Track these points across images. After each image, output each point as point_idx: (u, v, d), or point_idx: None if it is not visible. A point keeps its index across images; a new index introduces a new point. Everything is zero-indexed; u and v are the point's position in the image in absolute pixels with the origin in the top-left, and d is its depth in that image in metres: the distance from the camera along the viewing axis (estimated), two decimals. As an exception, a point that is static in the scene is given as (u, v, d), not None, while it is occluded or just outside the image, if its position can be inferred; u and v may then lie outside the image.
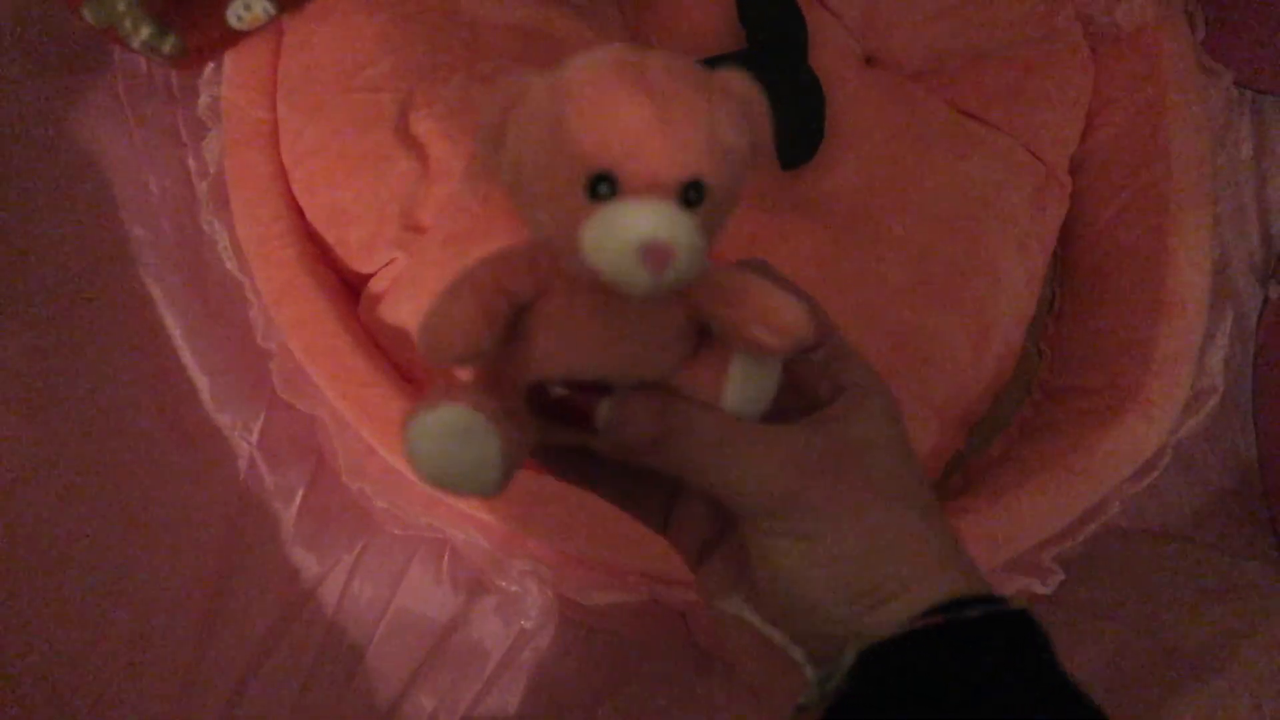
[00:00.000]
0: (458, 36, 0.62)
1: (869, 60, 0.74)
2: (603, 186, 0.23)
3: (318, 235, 0.62)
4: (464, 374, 0.28)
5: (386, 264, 0.61)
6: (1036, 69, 0.72)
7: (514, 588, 0.61)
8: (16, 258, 0.68)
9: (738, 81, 0.25)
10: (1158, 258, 0.66)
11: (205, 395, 0.68)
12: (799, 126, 0.67)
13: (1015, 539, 0.58)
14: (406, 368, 0.63)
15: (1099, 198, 0.72)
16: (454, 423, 0.24)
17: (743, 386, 0.27)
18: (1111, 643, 0.69)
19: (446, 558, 0.68)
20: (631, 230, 0.22)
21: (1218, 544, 0.71)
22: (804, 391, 0.30)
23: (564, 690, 0.68)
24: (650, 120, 0.23)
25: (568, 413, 0.26)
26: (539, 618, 0.66)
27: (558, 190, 0.23)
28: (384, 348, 0.63)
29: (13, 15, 0.71)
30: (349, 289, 0.64)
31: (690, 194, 0.23)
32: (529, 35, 0.64)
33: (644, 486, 0.34)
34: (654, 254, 0.22)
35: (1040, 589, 0.59)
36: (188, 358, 0.69)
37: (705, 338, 0.28)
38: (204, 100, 0.65)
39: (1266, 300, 0.76)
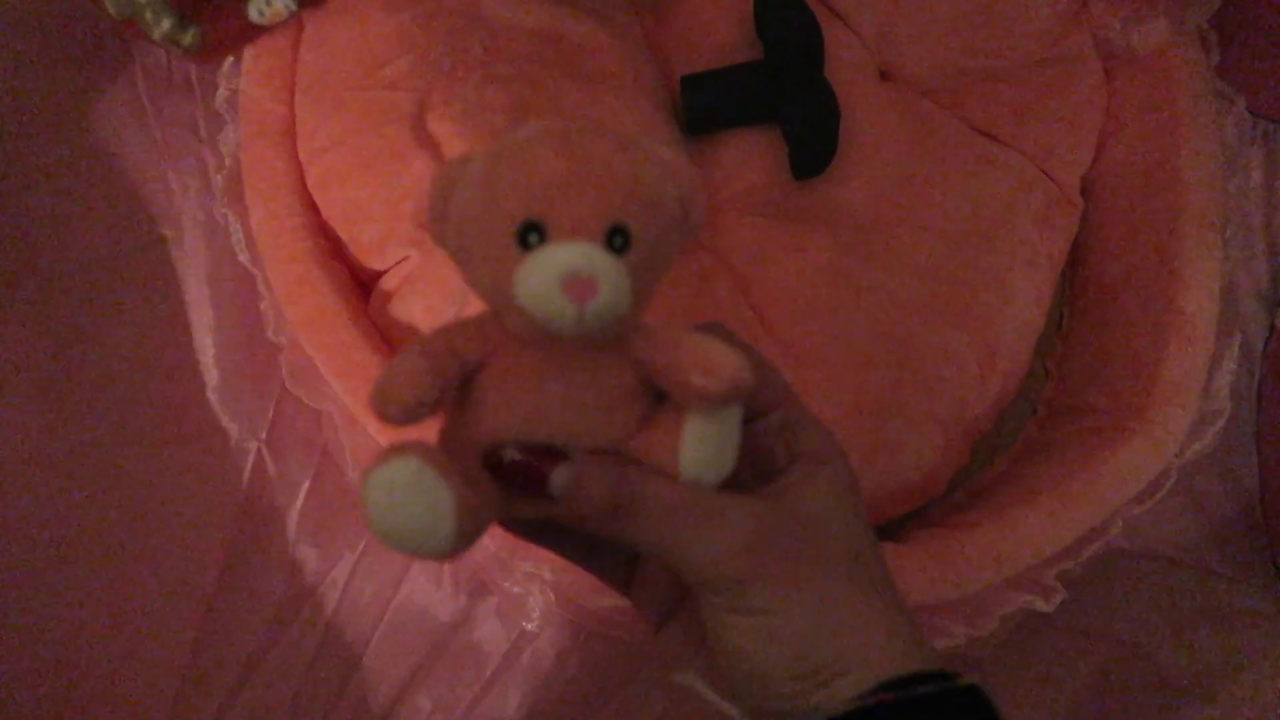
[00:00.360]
0: (476, 38, 0.62)
1: (884, 75, 0.74)
2: (532, 236, 0.25)
3: (331, 231, 0.62)
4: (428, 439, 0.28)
5: (399, 261, 0.61)
6: (1050, 89, 0.72)
7: (516, 589, 0.60)
8: (30, 250, 0.68)
9: (664, 149, 0.27)
10: (1167, 280, 0.66)
11: (214, 389, 0.68)
12: (813, 138, 0.67)
13: (1017, 556, 0.59)
14: (415, 366, 0.63)
15: (1109, 218, 0.72)
16: (403, 474, 0.25)
17: (698, 450, 0.27)
18: (1100, 664, 0.69)
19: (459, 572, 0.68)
20: (553, 265, 0.24)
21: (1217, 570, 0.71)
22: (759, 459, 0.31)
23: (563, 694, 0.68)
24: (572, 170, 0.25)
25: (522, 478, 0.26)
26: (540, 620, 0.66)
27: (493, 245, 0.25)
28: (393, 344, 0.63)
29: (32, 7, 0.72)
30: (361, 285, 0.64)
31: (615, 239, 0.25)
32: (547, 39, 0.64)
33: (604, 548, 0.34)
34: (576, 286, 0.24)
35: (1043, 606, 0.59)
36: (200, 351, 0.69)
37: (660, 404, 0.28)
38: (222, 93, 0.65)
39: (1273, 329, 0.76)
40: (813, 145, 0.67)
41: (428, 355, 0.27)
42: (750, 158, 0.69)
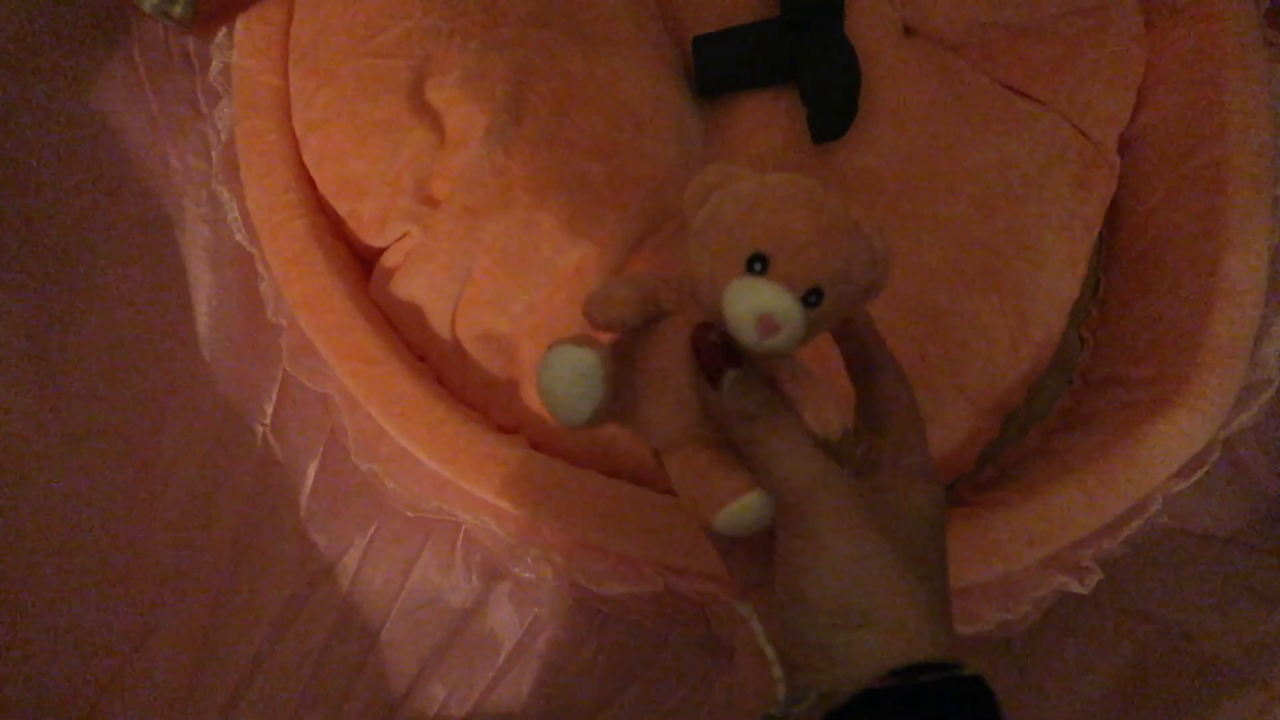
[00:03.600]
0: (475, 1, 0.59)
1: (908, 30, 0.70)
2: (757, 264, 0.31)
3: (329, 207, 0.60)
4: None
5: (399, 238, 0.59)
6: (1086, 42, 0.68)
7: (528, 575, 0.59)
8: (29, 227, 0.67)
9: (879, 238, 0.33)
10: (1211, 242, 0.62)
11: (218, 373, 0.67)
12: (832, 99, 0.64)
13: (1051, 537, 0.56)
14: (418, 345, 0.61)
15: (1149, 178, 0.68)
16: (579, 356, 0.34)
17: (740, 513, 0.34)
18: (1141, 644, 0.66)
19: (460, 542, 0.66)
20: (760, 301, 0.30)
21: (1263, 547, 0.67)
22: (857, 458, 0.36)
23: (579, 680, 0.66)
24: (810, 235, 0.31)
25: (711, 357, 0.34)
26: (553, 606, 0.65)
27: (728, 254, 0.31)
28: (395, 324, 0.61)
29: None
30: (361, 262, 0.62)
31: (811, 297, 0.31)
32: (550, 0, 0.61)
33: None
34: (766, 323, 0.30)
35: (1078, 588, 0.56)
36: (202, 334, 0.68)
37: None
38: (216, 66, 0.63)
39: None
40: (832, 107, 0.64)
41: (639, 289, 0.35)
42: (766, 120, 0.66)
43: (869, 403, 0.38)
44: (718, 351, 0.34)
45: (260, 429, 0.67)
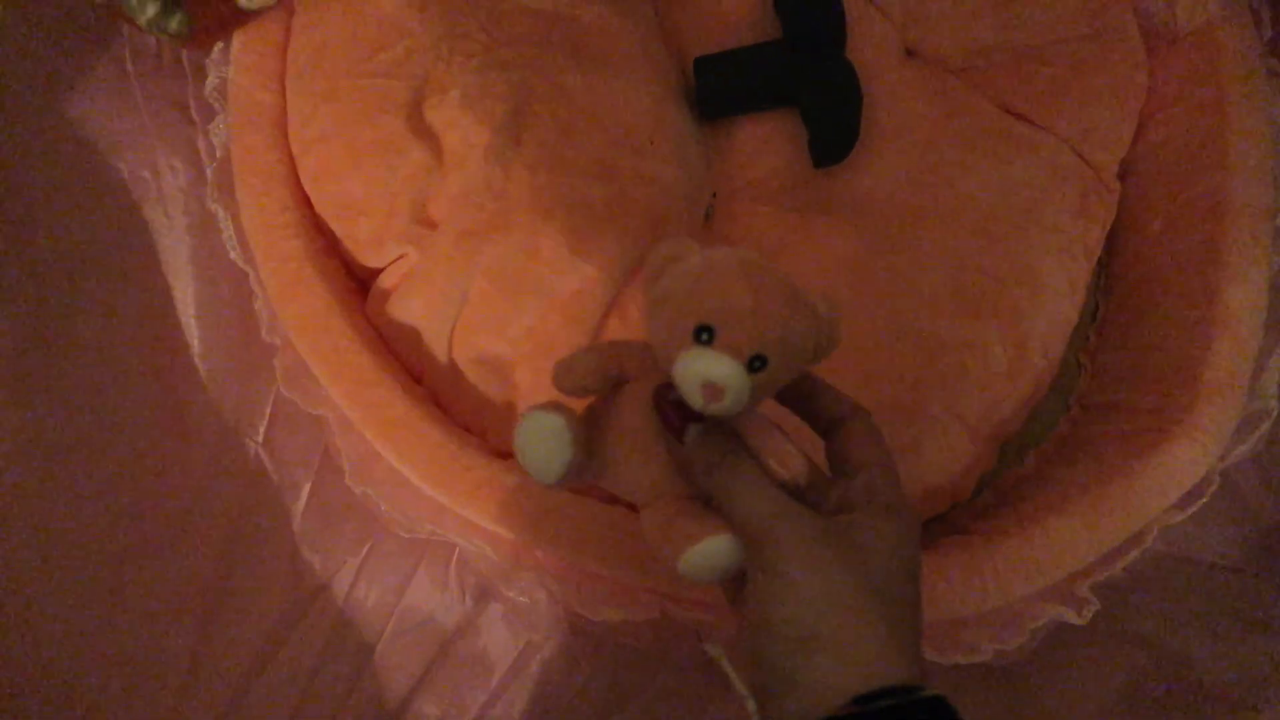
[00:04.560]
0: (476, 20, 0.59)
1: (910, 53, 0.70)
2: (704, 335, 0.34)
3: (325, 226, 0.60)
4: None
5: (396, 259, 0.59)
6: (1087, 67, 0.68)
7: (522, 598, 0.58)
8: (15, 238, 0.66)
9: (824, 304, 0.36)
10: (1211, 270, 0.62)
11: (210, 389, 0.66)
12: (833, 122, 0.63)
13: (1049, 568, 0.55)
14: (413, 366, 0.60)
15: (1150, 205, 0.68)
16: (550, 423, 0.37)
17: (703, 556, 0.36)
18: (1138, 671, 0.66)
19: (454, 563, 0.66)
20: (705, 369, 0.33)
21: (1261, 576, 0.67)
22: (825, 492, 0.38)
23: (572, 703, 0.66)
24: (749, 306, 0.34)
25: (671, 416, 0.37)
26: (547, 629, 0.64)
27: (678, 325, 0.34)
28: (391, 345, 0.60)
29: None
30: (356, 283, 0.61)
31: (755, 362, 0.34)
32: (552, 20, 0.60)
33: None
34: (710, 390, 0.33)
35: (1075, 619, 0.56)
36: (194, 349, 0.67)
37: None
38: (212, 81, 0.62)
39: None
40: (834, 130, 0.63)
41: (600, 358, 0.39)
42: (767, 143, 0.66)
43: (837, 453, 0.40)
44: (678, 409, 0.37)
45: (253, 446, 0.66)
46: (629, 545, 0.56)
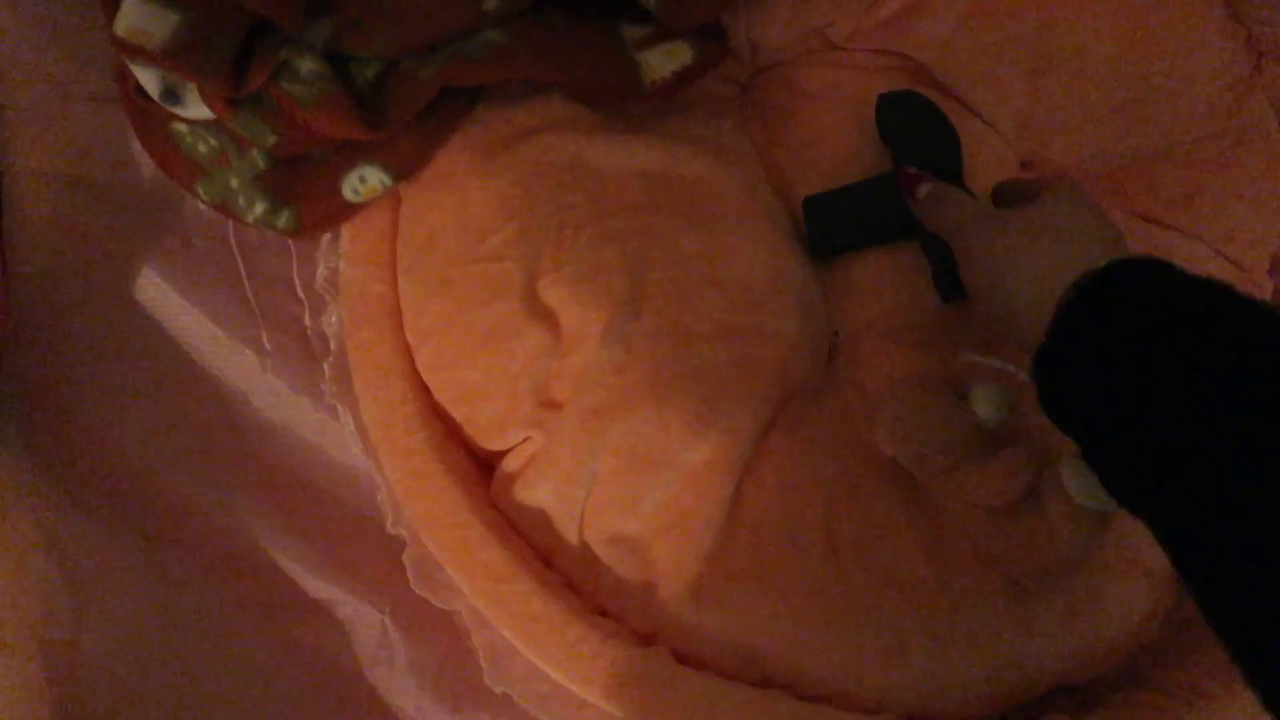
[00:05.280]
0: (583, 191, 0.57)
1: (1025, 165, 0.67)
2: None
3: (445, 413, 0.58)
4: None
5: (520, 442, 0.57)
6: (1221, 164, 0.64)
7: None
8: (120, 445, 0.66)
9: None
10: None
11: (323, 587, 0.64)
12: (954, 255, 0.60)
13: None
14: (544, 550, 0.58)
15: (1310, 301, 0.63)
16: None
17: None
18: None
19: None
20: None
21: None
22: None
23: None
24: None
25: (910, 180, 0.55)
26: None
27: None
28: (520, 530, 0.58)
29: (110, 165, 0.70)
30: (481, 468, 0.60)
31: None
32: (658, 182, 0.59)
33: None
34: None
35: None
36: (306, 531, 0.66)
37: None
38: (322, 273, 0.62)
39: None
40: (956, 263, 0.60)
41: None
42: (887, 279, 0.63)
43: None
44: (917, 171, 0.56)
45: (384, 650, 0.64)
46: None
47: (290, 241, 0.70)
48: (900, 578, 0.54)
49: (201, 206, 0.66)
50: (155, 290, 0.68)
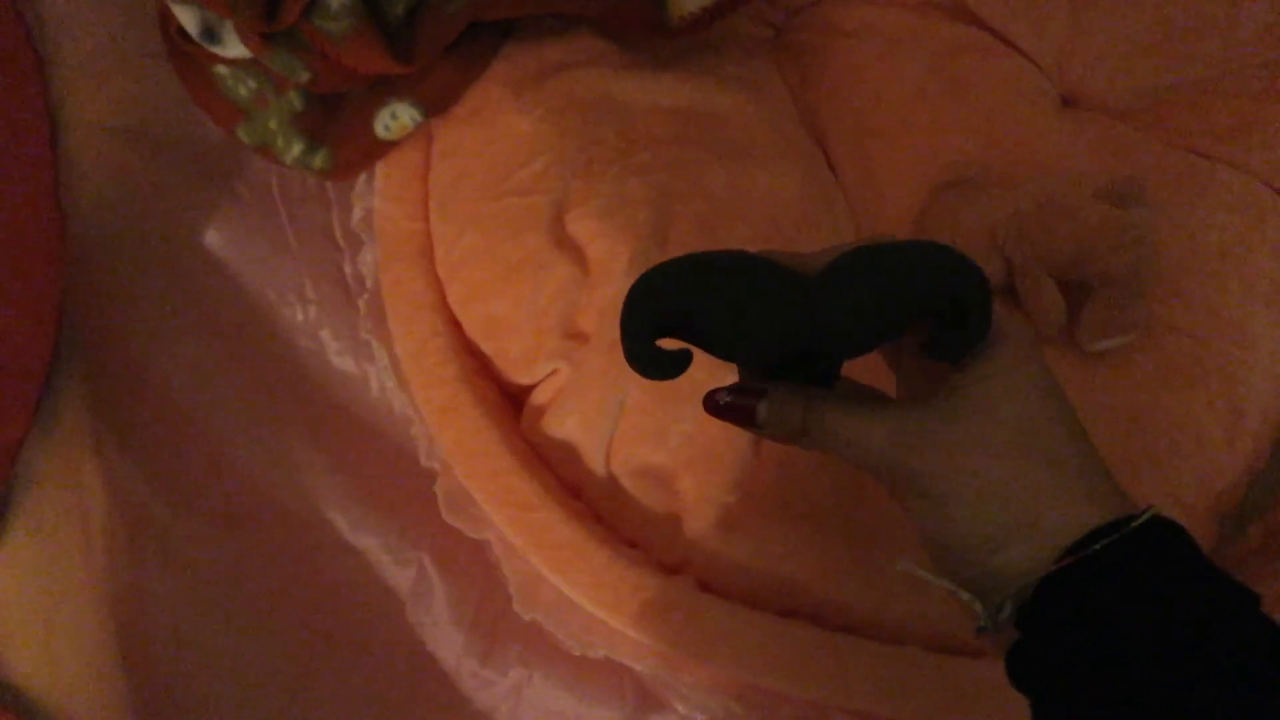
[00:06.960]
0: (611, 127, 0.58)
1: (1066, 102, 0.65)
2: None
3: (476, 349, 0.59)
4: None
5: (549, 375, 0.57)
6: (1274, 94, 0.61)
7: (699, 717, 0.55)
8: (147, 373, 0.67)
9: None
10: None
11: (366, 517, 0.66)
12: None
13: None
14: (572, 482, 0.58)
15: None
16: None
17: None
18: None
19: (627, 682, 0.63)
20: None
21: None
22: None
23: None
24: None
25: (734, 415, 0.36)
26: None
27: None
28: (549, 462, 0.59)
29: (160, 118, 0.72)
30: (511, 402, 0.60)
31: None
32: (688, 117, 0.59)
33: None
34: None
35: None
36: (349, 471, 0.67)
37: None
38: (358, 213, 0.63)
39: None
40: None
41: None
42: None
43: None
44: (733, 401, 0.36)
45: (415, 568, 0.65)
46: (814, 663, 0.52)
47: (330, 190, 0.72)
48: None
49: (247, 159, 0.68)
50: (207, 239, 0.70)
